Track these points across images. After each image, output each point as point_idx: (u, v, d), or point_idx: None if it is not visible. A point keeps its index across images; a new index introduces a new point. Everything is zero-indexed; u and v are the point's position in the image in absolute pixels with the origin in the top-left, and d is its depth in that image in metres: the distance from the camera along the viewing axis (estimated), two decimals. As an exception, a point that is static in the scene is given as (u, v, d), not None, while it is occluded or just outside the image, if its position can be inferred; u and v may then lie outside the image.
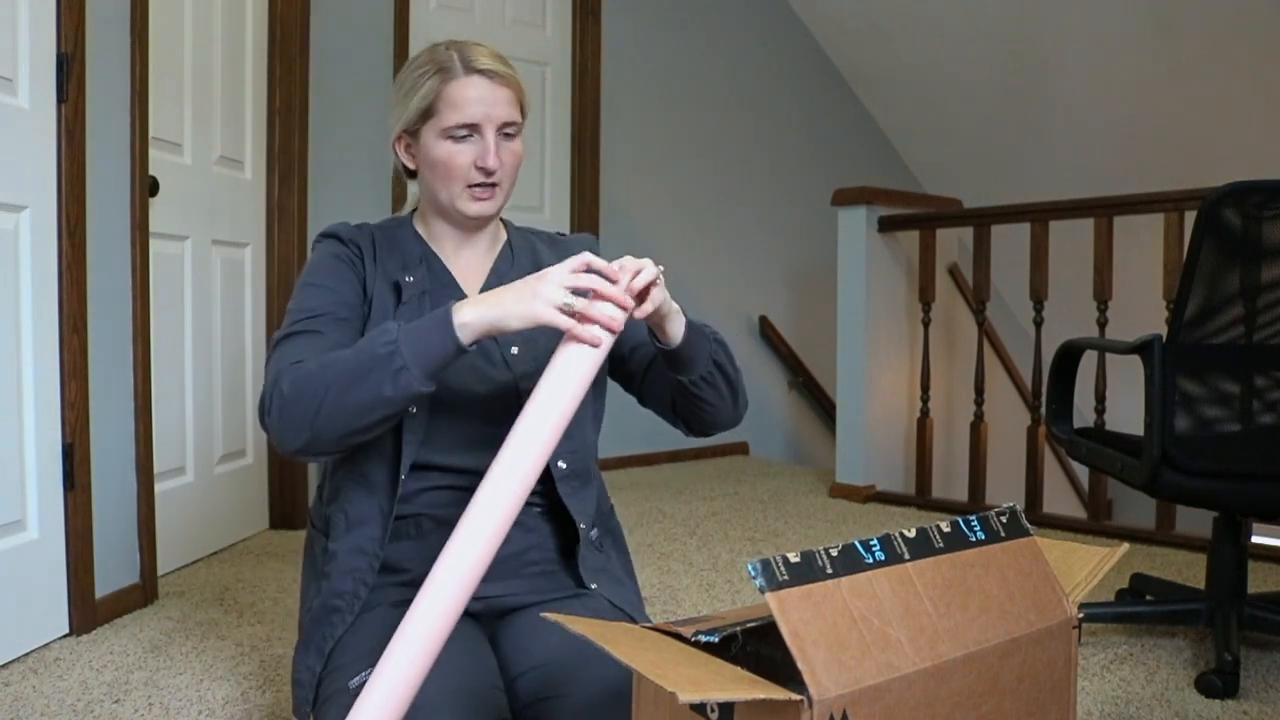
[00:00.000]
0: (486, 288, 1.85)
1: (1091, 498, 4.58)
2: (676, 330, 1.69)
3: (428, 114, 1.77)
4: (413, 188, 1.95)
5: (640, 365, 1.92)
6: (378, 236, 1.85)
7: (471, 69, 1.75)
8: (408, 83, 1.79)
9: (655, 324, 1.66)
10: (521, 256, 1.92)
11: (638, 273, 1.55)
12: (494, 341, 1.81)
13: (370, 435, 1.61)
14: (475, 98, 1.74)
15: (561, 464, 1.79)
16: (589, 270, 1.54)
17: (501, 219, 1.96)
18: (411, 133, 1.81)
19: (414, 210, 1.95)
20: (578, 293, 1.51)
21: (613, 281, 1.53)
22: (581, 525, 1.81)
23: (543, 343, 1.80)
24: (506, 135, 1.78)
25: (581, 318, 1.50)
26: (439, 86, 1.75)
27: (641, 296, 1.57)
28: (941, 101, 6.97)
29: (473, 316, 1.52)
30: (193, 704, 2.41)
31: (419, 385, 1.52)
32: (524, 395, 1.71)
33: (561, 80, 5.64)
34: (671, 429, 1.93)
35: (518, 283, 1.54)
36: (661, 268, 1.59)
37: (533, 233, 2.00)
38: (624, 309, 1.52)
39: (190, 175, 3.62)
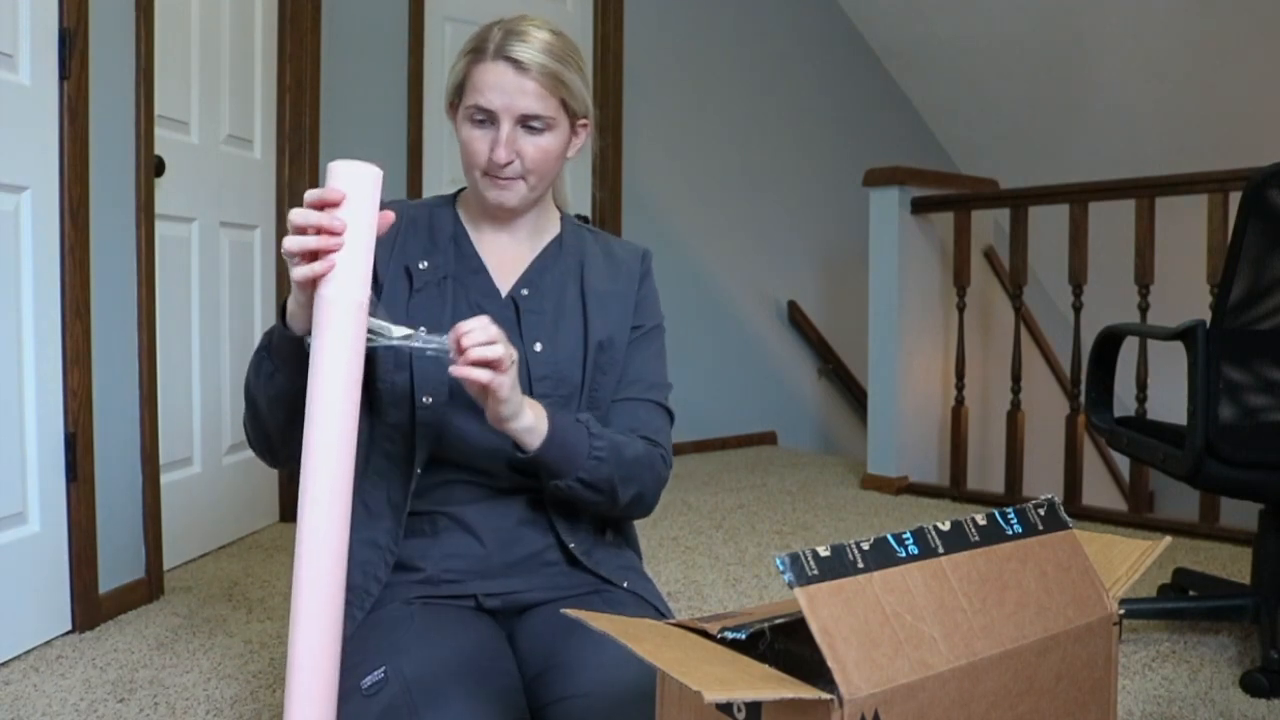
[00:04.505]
0: (524, 281, 1.83)
1: (1133, 489, 4.59)
2: (528, 442, 1.63)
3: (459, 91, 1.76)
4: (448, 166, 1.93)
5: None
6: (406, 216, 1.83)
7: (500, 54, 1.70)
8: (457, 60, 1.79)
9: (494, 422, 1.60)
10: (568, 256, 1.88)
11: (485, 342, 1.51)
12: (518, 337, 1.77)
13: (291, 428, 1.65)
14: (494, 85, 1.70)
15: (554, 482, 1.72)
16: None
17: (564, 212, 1.94)
18: (454, 106, 1.79)
19: (462, 189, 1.92)
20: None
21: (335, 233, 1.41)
22: (571, 544, 1.79)
23: (563, 346, 1.79)
24: (532, 128, 1.73)
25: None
26: (469, 68, 1.73)
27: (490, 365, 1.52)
28: (977, 78, 6.94)
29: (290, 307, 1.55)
30: (200, 703, 2.41)
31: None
32: (535, 397, 1.69)
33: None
34: (696, 419, 1.94)
35: None
36: (514, 358, 1.54)
37: (592, 232, 1.96)
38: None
39: (197, 155, 3.62)
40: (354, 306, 1.40)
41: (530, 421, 1.60)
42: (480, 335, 1.49)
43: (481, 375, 1.49)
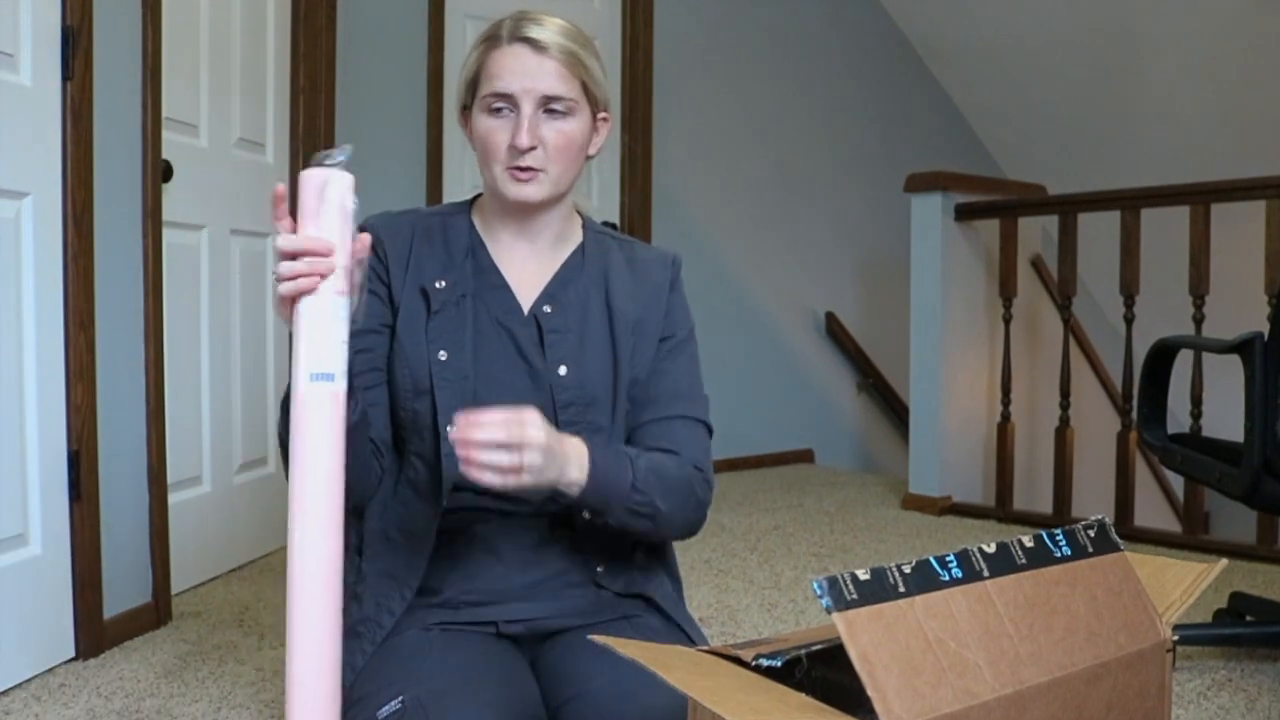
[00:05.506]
0: (547, 295, 1.83)
1: (1187, 510, 4.60)
2: (569, 491, 1.61)
3: (473, 86, 1.76)
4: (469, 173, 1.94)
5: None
6: (420, 228, 1.83)
7: (516, 37, 1.72)
8: (468, 55, 1.80)
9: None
10: (591, 267, 1.88)
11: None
12: (542, 359, 1.78)
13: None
14: (512, 68, 1.71)
15: (587, 514, 1.74)
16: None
17: (583, 216, 1.93)
18: (467, 108, 1.79)
19: (477, 196, 1.92)
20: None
21: None
22: (599, 567, 1.81)
23: (590, 368, 1.79)
24: (552, 112, 1.72)
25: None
26: (483, 56, 1.74)
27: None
28: (1024, 78, 6.95)
29: None
30: (207, 735, 2.41)
31: None
32: (561, 424, 1.70)
33: (610, 56, 5.60)
34: (730, 436, 1.93)
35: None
36: (533, 460, 1.49)
37: (614, 237, 1.95)
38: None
39: (207, 159, 3.62)
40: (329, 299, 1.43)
41: (573, 475, 1.59)
42: (483, 435, 1.47)
43: (493, 481, 1.48)
